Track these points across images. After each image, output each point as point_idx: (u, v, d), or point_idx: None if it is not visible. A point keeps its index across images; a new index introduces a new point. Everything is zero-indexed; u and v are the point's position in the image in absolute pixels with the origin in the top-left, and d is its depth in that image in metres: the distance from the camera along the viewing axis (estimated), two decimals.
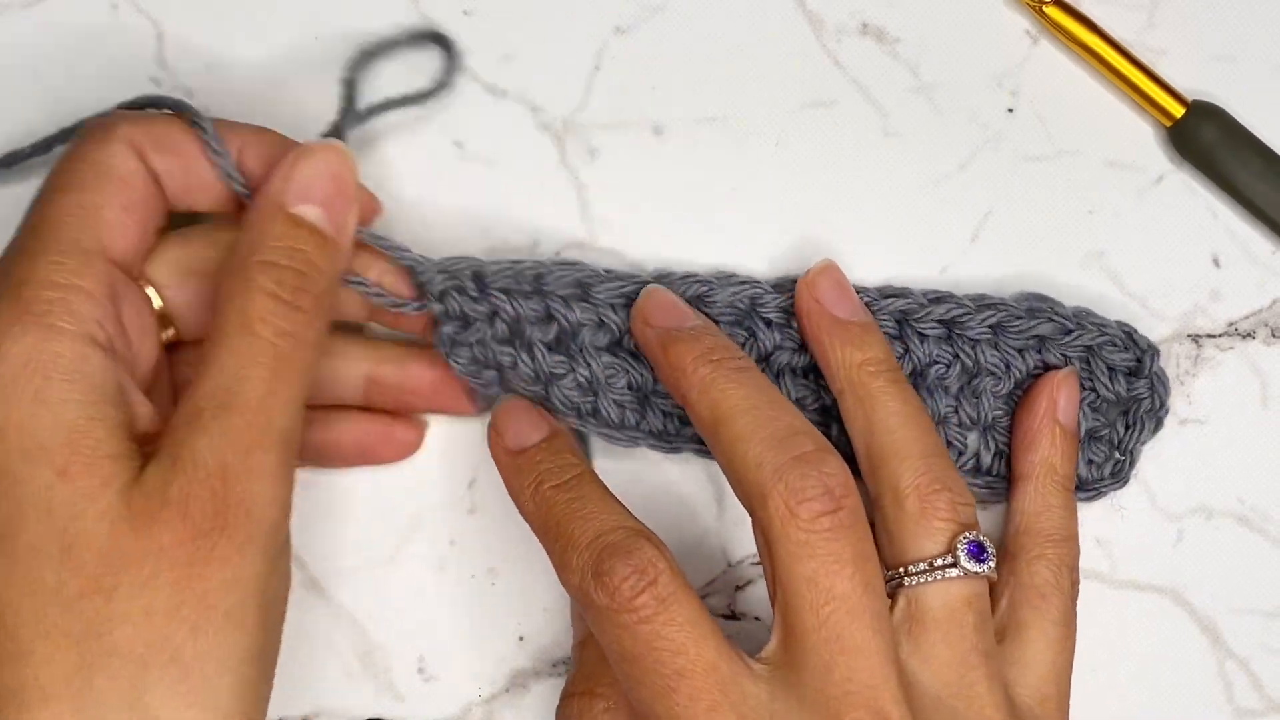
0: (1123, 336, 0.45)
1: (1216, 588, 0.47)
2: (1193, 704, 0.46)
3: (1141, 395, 0.45)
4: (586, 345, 0.43)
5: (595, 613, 0.37)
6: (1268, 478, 0.47)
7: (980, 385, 0.45)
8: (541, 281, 0.43)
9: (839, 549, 0.37)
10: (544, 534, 0.40)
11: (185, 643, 0.35)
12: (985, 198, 0.47)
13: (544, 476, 0.41)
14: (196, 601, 0.35)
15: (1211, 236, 0.47)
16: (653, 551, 0.37)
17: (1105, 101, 0.48)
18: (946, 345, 0.45)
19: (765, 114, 0.47)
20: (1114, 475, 0.45)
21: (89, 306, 0.37)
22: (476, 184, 0.47)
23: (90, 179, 0.39)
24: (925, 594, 0.39)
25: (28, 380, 0.35)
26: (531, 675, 0.46)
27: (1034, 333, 0.45)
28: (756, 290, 0.44)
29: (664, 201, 0.47)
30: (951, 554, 0.39)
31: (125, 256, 0.39)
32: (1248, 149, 0.47)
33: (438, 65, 0.46)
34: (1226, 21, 0.48)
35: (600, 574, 0.37)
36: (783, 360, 0.44)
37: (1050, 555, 0.42)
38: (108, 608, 0.35)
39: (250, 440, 0.36)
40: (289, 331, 0.38)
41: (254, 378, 0.37)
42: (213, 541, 0.35)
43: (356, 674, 0.46)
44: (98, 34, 0.47)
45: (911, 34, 0.48)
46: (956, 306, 0.44)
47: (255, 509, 0.36)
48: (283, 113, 0.47)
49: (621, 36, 0.47)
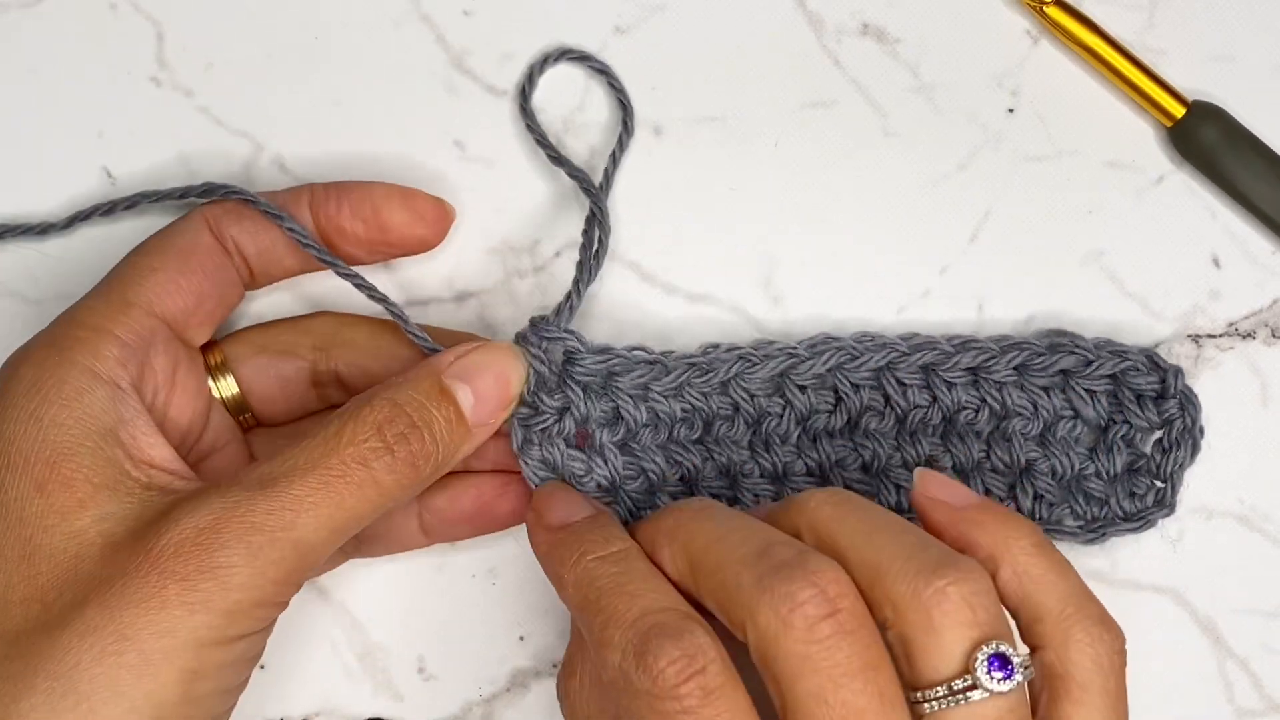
0: (1145, 361, 0.45)
1: (1216, 588, 0.47)
2: (1193, 704, 0.46)
3: (1173, 416, 0.45)
4: (648, 444, 0.44)
5: (632, 696, 0.34)
6: (1268, 478, 0.47)
7: (1009, 428, 0.45)
8: (613, 380, 0.43)
9: (844, 658, 0.33)
10: (584, 609, 0.37)
11: (87, 666, 0.35)
12: (985, 198, 0.47)
13: (588, 548, 0.38)
14: (117, 634, 0.35)
15: (1211, 237, 0.47)
16: (705, 638, 0.34)
17: (1105, 102, 0.48)
18: (973, 390, 0.45)
19: (765, 114, 0.47)
20: (1159, 503, 0.45)
21: (115, 349, 0.39)
22: (477, 184, 0.47)
23: (157, 246, 0.42)
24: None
25: (28, 400, 0.38)
26: (532, 675, 0.46)
27: (1058, 368, 0.45)
28: (793, 360, 0.44)
29: (664, 201, 0.47)
30: (970, 673, 0.34)
31: (174, 314, 0.41)
32: (1248, 149, 0.46)
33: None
34: (1226, 21, 0.48)
35: (644, 653, 0.34)
36: (819, 424, 0.45)
37: (1079, 636, 0.36)
38: (43, 614, 0.35)
39: (262, 526, 0.36)
40: (370, 468, 0.37)
41: (304, 480, 0.37)
42: (165, 587, 0.35)
43: (357, 673, 0.46)
44: (98, 34, 0.47)
45: (912, 34, 0.48)
46: (981, 352, 0.44)
47: (229, 585, 0.36)
48: (283, 112, 0.47)
49: (621, 36, 0.47)
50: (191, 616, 0.35)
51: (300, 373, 0.44)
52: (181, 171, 0.47)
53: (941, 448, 0.45)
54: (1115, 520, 0.45)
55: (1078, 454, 0.45)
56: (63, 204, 0.46)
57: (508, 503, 0.44)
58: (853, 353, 0.44)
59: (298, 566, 0.37)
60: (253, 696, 0.45)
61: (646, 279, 0.47)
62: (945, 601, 0.34)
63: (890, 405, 0.45)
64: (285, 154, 0.47)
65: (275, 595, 0.37)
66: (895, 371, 0.44)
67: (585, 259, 0.43)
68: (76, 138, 0.47)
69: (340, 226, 0.43)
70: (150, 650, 0.35)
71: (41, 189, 0.47)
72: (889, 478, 0.45)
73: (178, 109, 0.47)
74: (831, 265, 0.47)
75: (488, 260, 0.47)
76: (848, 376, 0.44)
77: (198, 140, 0.47)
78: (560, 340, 0.42)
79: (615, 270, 0.47)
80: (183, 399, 0.41)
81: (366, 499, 0.37)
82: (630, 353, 0.43)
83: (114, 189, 0.47)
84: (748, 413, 0.44)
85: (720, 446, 0.44)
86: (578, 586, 0.37)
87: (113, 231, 0.46)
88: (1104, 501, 0.45)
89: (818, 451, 0.44)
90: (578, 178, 0.45)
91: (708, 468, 0.44)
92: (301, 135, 0.47)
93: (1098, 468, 0.45)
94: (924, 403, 0.45)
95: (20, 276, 0.46)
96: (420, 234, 0.44)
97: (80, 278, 0.45)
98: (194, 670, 0.35)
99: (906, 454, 0.44)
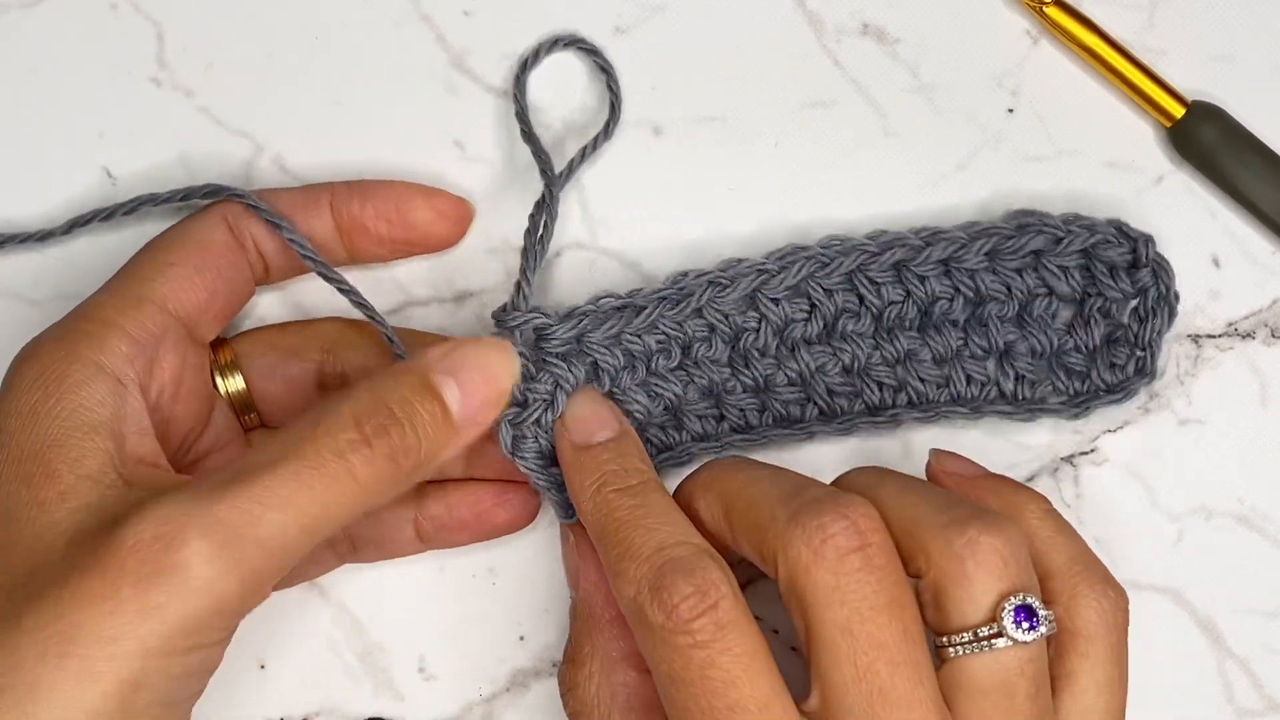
0: (1114, 232, 0.45)
1: (1216, 588, 0.47)
2: (1193, 704, 0.46)
3: (1146, 284, 0.45)
4: (628, 385, 0.44)
5: (647, 629, 0.36)
6: (1268, 478, 0.47)
7: (985, 313, 0.45)
8: (585, 341, 0.43)
9: (872, 592, 0.34)
10: (601, 539, 0.38)
11: (30, 667, 0.33)
12: (985, 198, 0.47)
13: (608, 479, 0.39)
14: (63, 634, 0.33)
15: (1211, 237, 0.47)
16: (718, 573, 0.35)
17: (1105, 102, 0.48)
18: (945, 280, 0.45)
19: (765, 114, 0.47)
20: (1139, 371, 0.45)
21: (124, 344, 0.39)
22: (477, 184, 0.47)
23: (173, 241, 0.42)
24: (972, 665, 0.36)
25: (29, 393, 0.37)
26: (532, 674, 0.46)
27: (1029, 249, 0.45)
28: (764, 276, 0.44)
29: (664, 201, 0.47)
30: (996, 622, 0.35)
31: (187, 311, 0.41)
32: (1248, 149, 0.46)
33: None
34: (1226, 21, 0.48)
35: (659, 589, 0.35)
36: (796, 334, 0.45)
37: (1085, 592, 0.38)
38: (6, 605, 0.34)
39: (226, 520, 0.34)
40: (346, 459, 0.35)
41: (275, 472, 0.34)
42: (120, 588, 0.33)
43: (357, 673, 0.46)
44: (98, 34, 0.47)
45: (911, 34, 0.48)
46: (951, 243, 0.44)
47: (186, 588, 0.33)
48: (284, 112, 0.47)
49: (621, 36, 0.47)
50: (142, 623, 0.33)
51: (307, 374, 0.44)
52: (182, 172, 0.47)
53: (920, 340, 0.45)
54: (1099, 392, 0.45)
55: (1055, 330, 0.45)
56: (63, 204, 0.46)
57: (506, 512, 0.44)
58: (822, 259, 0.44)
59: (263, 568, 0.34)
60: (253, 696, 0.45)
61: (647, 279, 0.47)
62: (978, 551, 0.35)
63: (865, 305, 0.45)
64: (285, 154, 0.47)
65: (236, 603, 0.34)
66: (867, 272, 0.45)
67: (530, 244, 0.43)
68: (77, 138, 0.47)
69: (364, 226, 0.43)
70: (93, 657, 0.33)
71: (41, 189, 0.47)
72: (870, 376, 0.45)
73: (178, 109, 0.47)
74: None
75: (488, 260, 0.47)
76: (820, 283, 0.44)
77: (198, 140, 0.47)
78: (527, 320, 0.41)
79: (616, 270, 0.47)
80: (187, 397, 0.41)
81: (342, 494, 0.35)
82: (599, 304, 0.43)
83: (114, 189, 0.47)
84: (724, 331, 0.44)
85: (700, 369, 0.44)
86: (595, 516, 0.38)
87: (115, 231, 0.46)
88: (1085, 375, 0.45)
89: (796, 361, 0.45)
90: (540, 157, 0.44)
91: (690, 391, 0.44)
92: (302, 135, 0.47)
93: (1076, 342, 0.45)
94: (898, 298, 0.45)
95: (21, 277, 0.46)
96: (442, 232, 0.44)
97: (81, 278, 0.45)
98: (135, 680, 0.33)
99: (885, 351, 0.45)
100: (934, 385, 0.45)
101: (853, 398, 0.45)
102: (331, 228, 0.43)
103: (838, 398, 0.45)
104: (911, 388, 0.45)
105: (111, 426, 0.37)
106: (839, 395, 0.45)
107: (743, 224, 0.47)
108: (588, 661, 0.40)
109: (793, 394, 0.45)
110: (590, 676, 0.39)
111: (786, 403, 0.45)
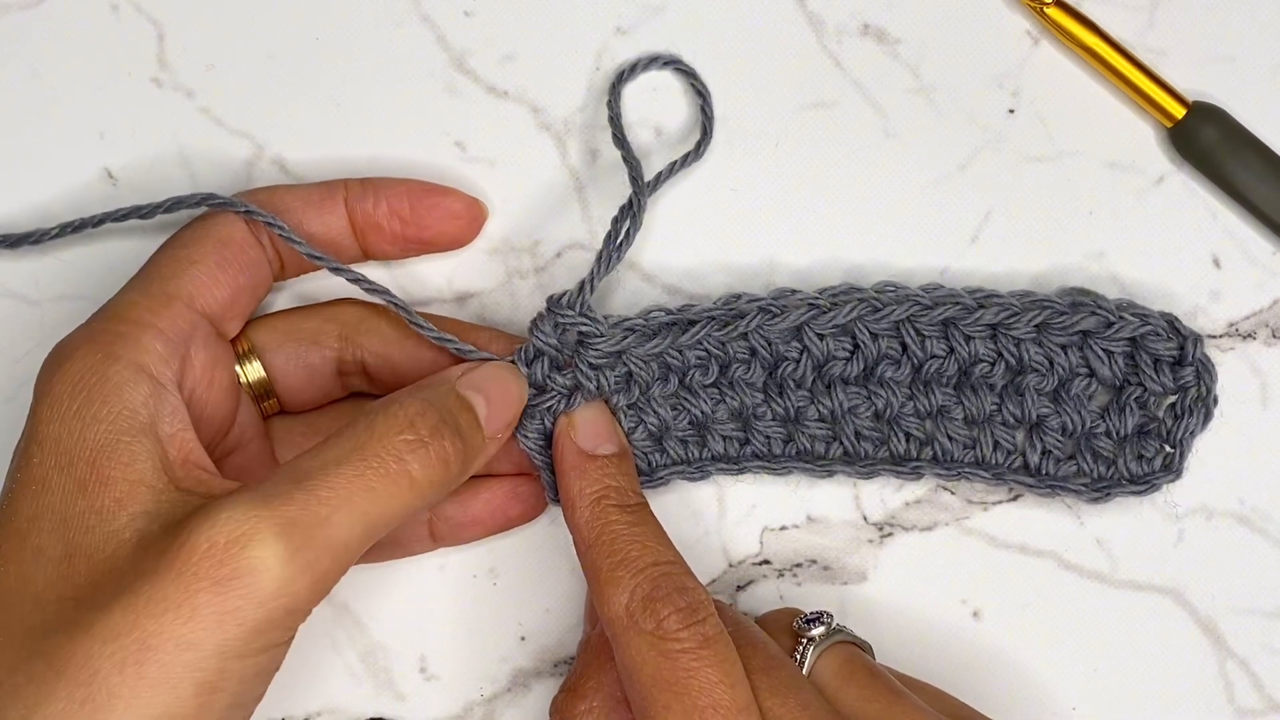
0: (1165, 326, 0.45)
1: (1217, 588, 0.47)
2: (1193, 704, 0.46)
3: (1188, 383, 0.45)
4: (656, 397, 0.44)
5: (634, 635, 0.38)
6: (1268, 478, 0.47)
7: (1024, 383, 0.45)
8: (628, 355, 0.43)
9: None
10: (594, 546, 0.40)
11: (106, 675, 0.33)
12: (985, 198, 0.47)
13: (609, 493, 0.41)
14: (141, 642, 0.34)
15: (1211, 237, 0.47)
16: (705, 595, 0.38)
17: (1106, 102, 0.48)
18: (991, 344, 0.45)
19: (765, 114, 0.47)
20: (1166, 468, 0.45)
21: (157, 343, 0.39)
22: (477, 184, 0.47)
23: (194, 238, 0.42)
24: None
25: (72, 398, 0.37)
26: (533, 675, 0.46)
27: (1078, 328, 0.45)
28: (814, 312, 0.44)
29: (664, 202, 0.47)
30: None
31: (213, 308, 0.41)
32: (1248, 150, 0.46)
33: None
34: (1226, 22, 0.48)
35: (653, 599, 0.38)
36: (835, 371, 0.45)
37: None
38: (73, 614, 0.35)
39: (298, 521, 0.35)
40: (404, 460, 0.37)
41: (339, 473, 0.36)
42: (196, 594, 0.34)
43: (358, 673, 0.46)
44: (99, 35, 0.47)
45: (912, 35, 0.48)
46: (1003, 309, 0.44)
47: (262, 590, 0.34)
48: (284, 112, 0.47)
49: (621, 36, 0.47)
50: (220, 627, 0.34)
51: (326, 361, 0.44)
52: (182, 172, 0.47)
53: (955, 398, 0.45)
54: (1121, 481, 0.45)
55: (1089, 412, 0.45)
56: (63, 204, 0.46)
57: (519, 504, 0.45)
58: (875, 304, 0.44)
59: (331, 568, 0.36)
60: None
61: (647, 279, 0.47)
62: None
63: (907, 354, 0.45)
64: (286, 154, 0.47)
65: (306, 602, 0.36)
66: (916, 323, 0.45)
67: (608, 248, 0.43)
68: (77, 138, 0.47)
69: (377, 223, 0.44)
70: (172, 663, 0.34)
71: (42, 189, 0.47)
72: (900, 425, 0.45)
73: (179, 109, 0.47)
74: (832, 266, 0.47)
75: (488, 260, 0.47)
76: (868, 326, 0.44)
77: (198, 141, 0.47)
78: (576, 324, 0.42)
79: (616, 270, 0.47)
80: (218, 394, 0.41)
81: (400, 493, 0.37)
82: (649, 318, 0.43)
83: (114, 189, 0.47)
84: (764, 357, 0.45)
85: (734, 390, 0.45)
86: (592, 524, 0.40)
87: (115, 231, 0.46)
88: (1111, 461, 0.45)
89: (831, 398, 0.45)
90: (630, 164, 0.44)
91: (720, 411, 0.45)
92: (302, 135, 0.47)
93: (1108, 427, 0.45)
94: (941, 353, 0.45)
95: (21, 277, 0.46)
96: (455, 231, 0.45)
97: (81, 279, 0.45)
98: (213, 684, 0.34)
99: (919, 403, 0.45)
100: (960, 445, 0.45)
101: (879, 444, 0.45)
102: (346, 224, 0.43)
103: (864, 441, 0.45)
104: (939, 444, 0.45)
105: (156, 428, 0.37)
106: (865, 439, 0.45)
107: (743, 224, 0.47)
108: (590, 696, 0.40)
109: (821, 430, 0.45)
110: (590, 711, 0.40)
111: (813, 438, 0.45)
